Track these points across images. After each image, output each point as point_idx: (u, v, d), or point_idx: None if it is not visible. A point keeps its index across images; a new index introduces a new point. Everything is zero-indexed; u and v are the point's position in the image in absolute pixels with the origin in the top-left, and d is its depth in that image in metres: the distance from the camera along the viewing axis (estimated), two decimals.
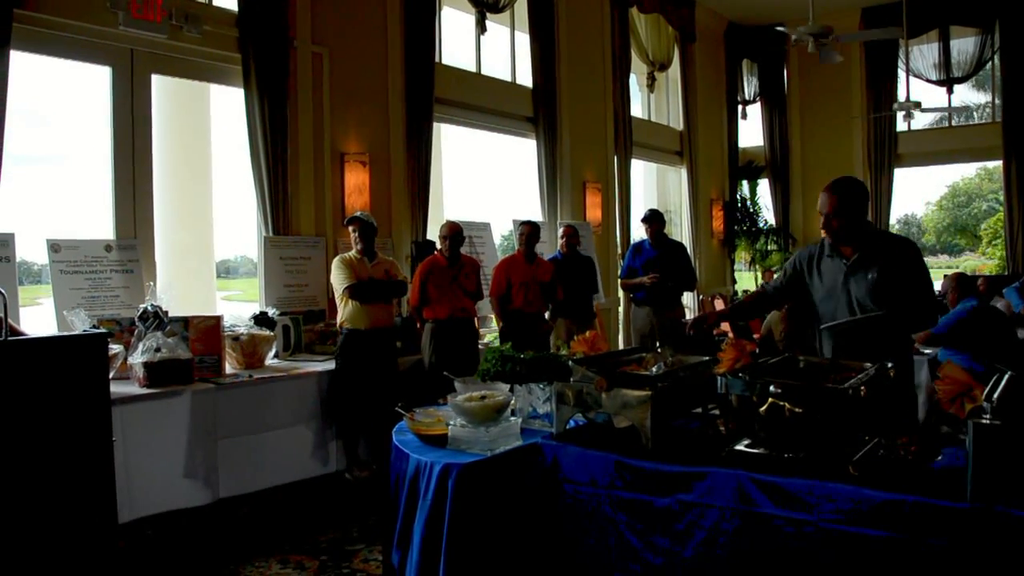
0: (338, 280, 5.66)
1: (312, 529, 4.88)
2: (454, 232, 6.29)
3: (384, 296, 5.78)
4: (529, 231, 6.98)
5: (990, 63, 12.38)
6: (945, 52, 12.57)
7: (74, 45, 5.46)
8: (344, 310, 5.69)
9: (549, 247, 8.85)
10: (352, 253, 5.80)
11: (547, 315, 7.26)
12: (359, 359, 5.56)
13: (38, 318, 6.07)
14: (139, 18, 5.46)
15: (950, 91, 12.66)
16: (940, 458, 2.48)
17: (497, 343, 6.37)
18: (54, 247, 5.25)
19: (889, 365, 2.93)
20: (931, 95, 12.84)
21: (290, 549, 4.56)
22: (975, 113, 15.12)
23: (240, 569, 4.30)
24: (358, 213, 5.99)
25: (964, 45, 12.53)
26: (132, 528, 4.58)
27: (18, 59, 5.00)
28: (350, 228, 5.82)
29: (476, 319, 6.61)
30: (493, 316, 7.55)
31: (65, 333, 4.01)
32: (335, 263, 5.76)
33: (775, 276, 4.06)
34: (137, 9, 5.43)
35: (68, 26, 5.33)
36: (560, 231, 7.70)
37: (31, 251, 5.69)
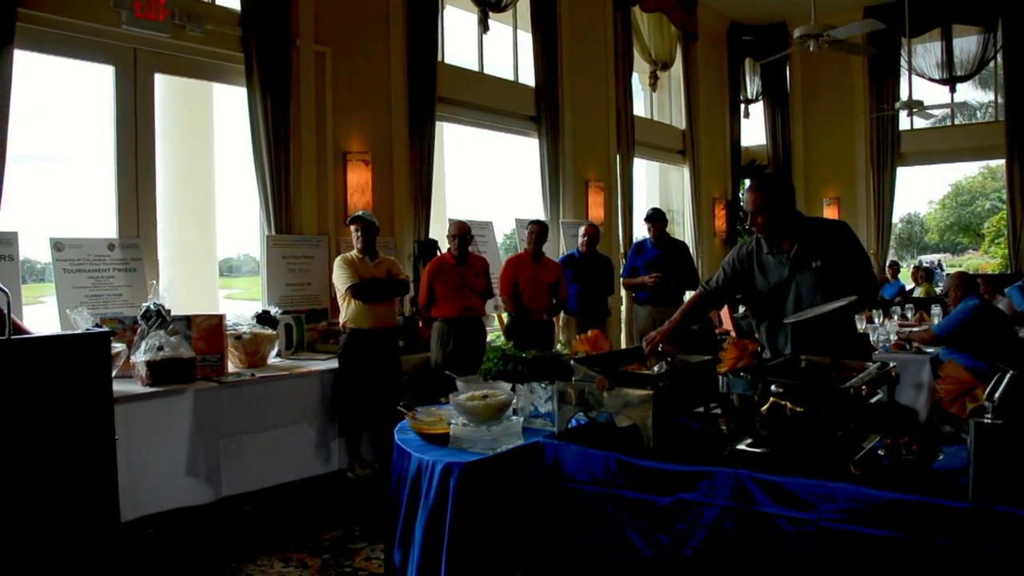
0: (340, 280, 5.66)
1: (314, 528, 4.88)
2: (463, 231, 6.30)
3: (386, 295, 5.78)
4: (538, 230, 6.99)
5: (993, 62, 12.37)
6: (948, 51, 12.55)
7: (77, 44, 5.47)
8: (347, 310, 5.68)
9: (551, 246, 8.86)
10: (354, 252, 5.80)
11: (554, 316, 7.26)
12: (362, 359, 5.57)
13: (41, 316, 6.08)
14: (142, 17, 5.48)
15: (953, 89, 12.65)
16: (941, 457, 2.48)
17: (499, 342, 6.38)
18: (57, 246, 5.27)
19: (892, 364, 2.93)
20: (934, 93, 12.84)
21: (292, 548, 4.57)
22: (978, 112, 15.11)
23: (242, 567, 4.30)
24: (360, 212, 5.99)
25: (967, 44, 12.51)
26: (135, 526, 4.59)
27: (21, 58, 5.01)
28: (352, 227, 5.82)
29: (483, 318, 6.61)
30: (495, 316, 7.56)
31: (68, 332, 4.02)
32: (337, 263, 5.75)
33: (714, 275, 4.01)
34: (140, 8, 5.44)
35: (71, 25, 5.34)
36: (582, 229, 7.67)
37: (34, 249, 5.72)
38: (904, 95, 11.85)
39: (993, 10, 11.92)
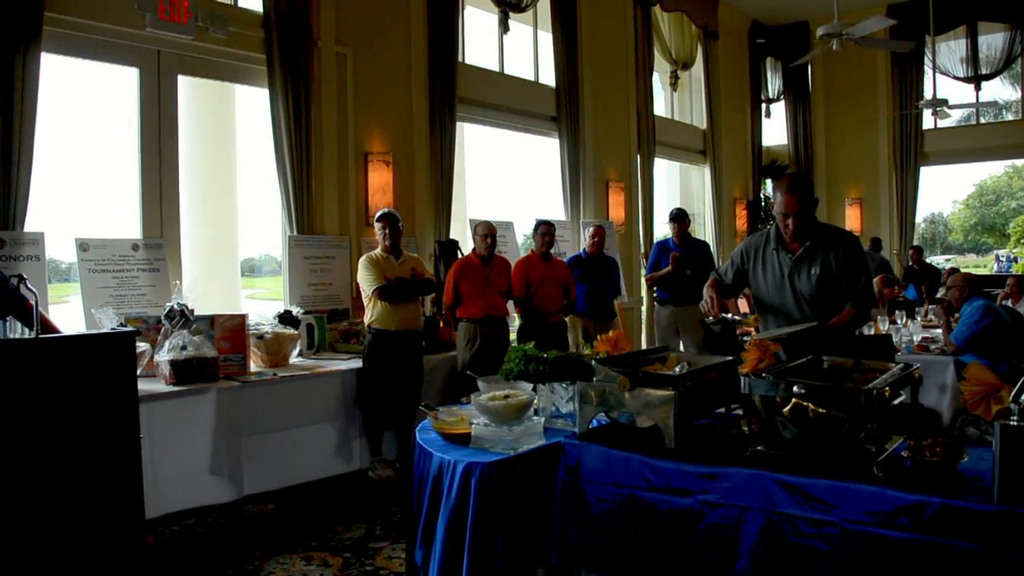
0: (366, 281, 5.64)
1: (336, 526, 4.90)
2: (493, 231, 6.32)
3: (412, 296, 5.78)
4: (549, 231, 6.97)
5: (1020, 59, 12.23)
6: (973, 48, 12.43)
7: (102, 47, 5.53)
8: (373, 310, 5.67)
9: (572, 247, 8.86)
10: (378, 251, 5.78)
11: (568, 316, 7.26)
12: (387, 360, 5.58)
13: (66, 316, 6.13)
14: (166, 20, 5.53)
15: (978, 88, 12.52)
16: (966, 460, 2.45)
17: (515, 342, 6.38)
18: (83, 246, 5.32)
19: (915, 366, 2.91)
20: (959, 92, 12.72)
21: (314, 546, 4.59)
22: (1004, 110, 14.95)
23: (264, 565, 4.33)
24: (386, 209, 5.97)
25: (993, 41, 12.39)
26: (158, 524, 4.64)
27: (48, 61, 5.06)
28: (377, 225, 5.79)
29: (507, 318, 6.61)
30: (515, 316, 7.56)
31: (94, 331, 4.06)
32: (362, 263, 5.74)
33: (724, 265, 4.06)
34: (164, 11, 5.49)
35: (96, 28, 5.40)
36: (590, 230, 7.67)
37: (60, 250, 5.76)
38: (928, 94, 11.74)
39: (1020, 6, 11.79)
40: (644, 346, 9.61)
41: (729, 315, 3.78)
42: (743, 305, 8.88)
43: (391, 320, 5.62)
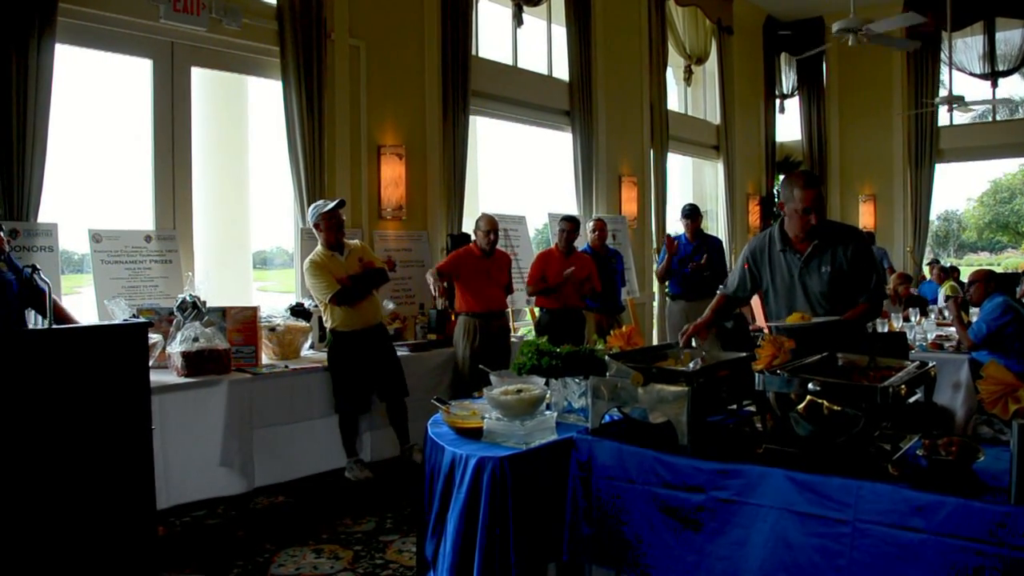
0: (319, 290, 5.35)
1: (346, 519, 4.90)
2: (495, 227, 6.27)
3: (369, 291, 5.49)
4: (570, 229, 6.92)
5: None
6: (990, 44, 12.33)
7: (116, 38, 5.54)
8: (332, 316, 5.39)
9: (584, 241, 8.83)
10: (320, 251, 5.44)
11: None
12: (355, 359, 5.37)
13: (79, 307, 6.15)
14: (179, 11, 5.54)
15: (994, 84, 12.43)
16: (982, 459, 2.43)
17: (530, 336, 6.36)
18: (96, 237, 5.34)
19: (931, 364, 2.88)
20: (975, 88, 12.62)
21: (325, 539, 4.60)
22: (1020, 107, 14.85)
23: (274, 558, 4.33)
24: (329, 202, 5.52)
25: (1010, 37, 12.29)
26: (169, 514, 4.65)
27: (61, 52, 5.07)
28: (320, 219, 5.39)
29: (507, 312, 6.57)
30: (527, 310, 7.54)
31: (108, 322, 4.07)
32: (307, 270, 5.38)
33: (731, 276, 4.06)
34: (178, 2, 5.50)
35: (110, 19, 5.41)
36: (591, 224, 7.64)
37: (73, 241, 5.78)
38: (944, 90, 11.66)
39: None
40: (656, 341, 9.58)
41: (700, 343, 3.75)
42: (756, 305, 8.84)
43: (353, 320, 5.38)
